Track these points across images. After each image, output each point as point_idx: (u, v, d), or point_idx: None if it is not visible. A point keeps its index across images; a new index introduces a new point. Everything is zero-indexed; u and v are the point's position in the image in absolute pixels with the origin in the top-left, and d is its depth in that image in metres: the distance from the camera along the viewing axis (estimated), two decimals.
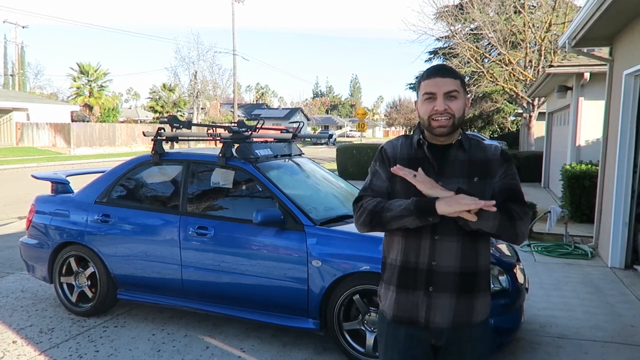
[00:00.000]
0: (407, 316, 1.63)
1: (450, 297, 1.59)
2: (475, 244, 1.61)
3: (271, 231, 3.38)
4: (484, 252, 1.65)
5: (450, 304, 1.59)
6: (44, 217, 4.17)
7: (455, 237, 1.58)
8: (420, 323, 1.61)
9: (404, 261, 1.62)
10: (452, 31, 18.23)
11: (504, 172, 1.64)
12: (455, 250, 1.58)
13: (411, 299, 1.62)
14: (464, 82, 1.65)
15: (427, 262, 1.59)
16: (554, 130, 12.53)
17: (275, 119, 53.66)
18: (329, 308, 3.24)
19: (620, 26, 5.49)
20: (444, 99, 1.57)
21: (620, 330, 3.79)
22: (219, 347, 3.47)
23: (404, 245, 1.62)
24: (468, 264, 1.59)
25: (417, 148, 1.65)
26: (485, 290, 1.66)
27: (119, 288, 3.95)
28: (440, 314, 1.59)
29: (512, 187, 1.63)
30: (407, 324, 1.64)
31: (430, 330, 1.62)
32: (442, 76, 1.58)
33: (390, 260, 1.69)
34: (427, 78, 1.60)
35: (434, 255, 1.58)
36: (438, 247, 1.58)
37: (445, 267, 1.58)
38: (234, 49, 31.05)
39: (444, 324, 1.60)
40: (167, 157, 3.97)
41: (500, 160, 1.64)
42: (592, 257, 5.88)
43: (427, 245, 1.59)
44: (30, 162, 20.52)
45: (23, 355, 3.36)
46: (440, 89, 1.57)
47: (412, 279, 1.61)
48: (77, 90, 36.02)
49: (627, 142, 5.34)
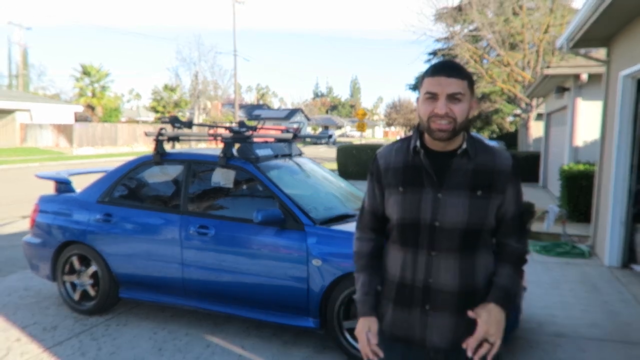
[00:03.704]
0: (404, 334, 1.55)
1: (449, 317, 1.49)
2: (475, 260, 1.50)
3: (272, 230, 3.42)
4: (485, 270, 1.53)
5: (449, 324, 1.49)
6: (47, 216, 4.21)
7: (453, 253, 1.48)
8: (417, 342, 1.52)
9: (401, 277, 1.54)
10: (451, 32, 18.29)
11: (514, 194, 1.53)
12: (453, 268, 1.48)
13: (407, 317, 1.53)
14: (472, 82, 1.48)
15: (424, 280, 1.50)
16: (552, 130, 12.57)
17: (275, 119, 53.65)
18: (329, 307, 3.28)
19: (617, 28, 5.53)
20: (446, 100, 1.41)
21: (617, 328, 3.82)
22: (219, 346, 3.50)
23: (402, 260, 1.54)
24: (467, 282, 1.49)
25: (413, 155, 1.52)
26: None
27: (121, 287, 3.99)
28: (438, 334, 1.50)
29: (520, 214, 1.56)
30: (403, 342, 1.55)
31: (428, 350, 1.52)
32: (448, 75, 1.42)
33: (389, 275, 1.59)
34: (432, 75, 1.44)
35: (430, 272, 1.49)
36: (435, 264, 1.48)
37: (442, 285, 1.48)
38: (234, 49, 31.10)
39: (443, 344, 1.50)
40: (168, 157, 4.01)
41: (510, 174, 1.50)
42: (590, 256, 5.92)
43: (423, 261, 1.49)
44: (33, 162, 20.55)
45: (27, 352, 3.41)
46: (444, 89, 1.41)
47: (408, 296, 1.52)
48: (80, 90, 36.17)
49: (624, 143, 5.38)
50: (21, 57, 41.71)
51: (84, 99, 35.80)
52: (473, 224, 1.48)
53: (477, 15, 16.84)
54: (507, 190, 1.51)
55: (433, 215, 1.48)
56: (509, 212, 1.54)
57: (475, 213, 1.47)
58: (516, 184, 1.54)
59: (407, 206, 1.50)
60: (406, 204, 1.50)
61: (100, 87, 36.50)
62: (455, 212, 1.46)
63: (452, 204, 1.46)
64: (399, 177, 1.53)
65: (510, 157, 1.54)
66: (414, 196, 1.50)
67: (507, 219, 1.54)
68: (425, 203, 1.48)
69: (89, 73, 35.91)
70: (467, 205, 1.46)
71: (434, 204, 1.48)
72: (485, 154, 1.51)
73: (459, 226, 1.47)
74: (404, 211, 1.51)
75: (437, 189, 1.47)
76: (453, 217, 1.46)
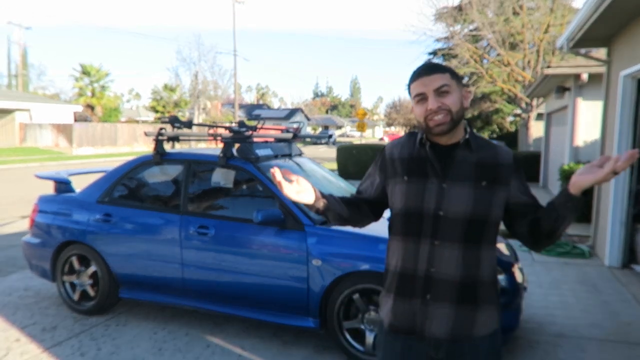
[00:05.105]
0: (404, 325, 1.55)
1: (448, 307, 1.50)
2: (478, 252, 1.51)
3: (271, 230, 3.41)
4: (488, 262, 1.54)
5: (448, 314, 1.50)
6: (46, 216, 4.20)
7: (457, 243, 1.49)
8: (417, 333, 1.53)
9: (403, 267, 1.55)
10: (452, 32, 18.29)
11: (523, 185, 1.56)
12: (456, 258, 1.49)
13: (408, 308, 1.54)
14: (455, 73, 1.54)
15: (425, 269, 1.51)
16: (552, 130, 12.57)
17: (275, 119, 53.66)
18: (329, 307, 3.27)
19: (617, 28, 5.53)
20: (435, 96, 1.48)
21: (617, 328, 3.82)
22: (219, 346, 3.50)
23: (403, 251, 1.55)
24: (469, 273, 1.50)
25: (419, 147, 1.57)
26: (489, 302, 1.54)
27: (121, 287, 3.98)
28: (436, 324, 1.51)
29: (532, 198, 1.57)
30: (404, 333, 1.56)
31: (427, 340, 1.53)
32: (428, 74, 1.49)
33: (391, 267, 1.61)
34: (414, 80, 1.52)
35: (432, 261, 1.50)
36: (437, 253, 1.50)
37: (444, 274, 1.49)
38: (234, 49, 31.09)
39: (441, 334, 1.51)
40: (168, 157, 4.01)
41: (513, 167, 1.54)
42: (590, 257, 5.92)
43: (425, 251, 1.51)
44: (33, 162, 20.54)
45: (26, 352, 3.40)
46: (428, 87, 1.48)
47: (409, 286, 1.54)
48: (80, 90, 36.16)
49: (624, 143, 5.38)
50: (21, 57, 41.72)
51: (84, 98, 35.81)
52: (477, 214, 1.50)
53: (477, 15, 16.85)
54: (511, 182, 1.54)
55: (437, 204, 1.50)
56: (522, 199, 1.54)
57: (480, 203, 1.49)
58: (520, 177, 1.56)
59: (412, 195, 1.53)
60: (410, 193, 1.54)
61: (100, 87, 36.51)
62: (460, 202, 1.49)
63: (456, 194, 1.49)
64: (404, 167, 1.57)
65: (511, 153, 1.58)
66: (418, 186, 1.53)
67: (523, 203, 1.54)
68: (429, 193, 1.52)
69: (88, 73, 35.91)
70: (471, 195, 1.49)
71: (439, 193, 1.50)
72: (487, 149, 1.55)
73: (463, 216, 1.49)
74: (408, 200, 1.54)
75: (441, 180, 1.51)
76: (457, 207, 1.49)
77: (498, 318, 1.60)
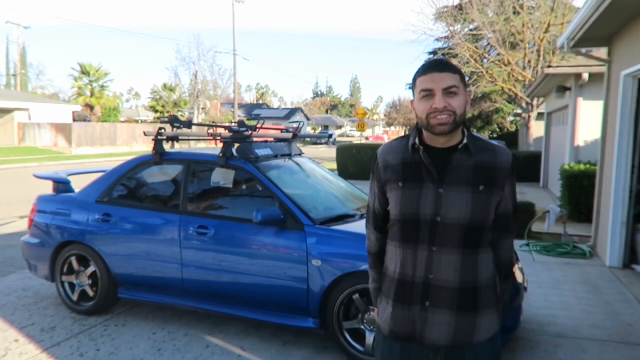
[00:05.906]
0: (404, 332, 1.54)
1: (449, 315, 1.48)
2: (477, 257, 1.50)
3: (271, 231, 3.40)
4: (486, 266, 1.53)
5: (449, 321, 1.48)
6: (45, 216, 4.19)
7: (455, 249, 1.47)
8: (417, 340, 1.52)
9: (401, 274, 1.53)
10: (452, 32, 18.28)
11: (511, 191, 1.55)
12: (455, 264, 1.47)
13: (407, 314, 1.52)
14: (464, 76, 1.50)
15: (424, 275, 1.49)
16: (552, 130, 12.56)
17: (275, 119, 53.66)
18: (329, 307, 3.26)
19: (618, 27, 5.52)
20: (443, 95, 1.43)
21: (618, 329, 3.81)
22: (219, 346, 3.49)
23: (401, 257, 1.53)
24: (468, 279, 1.48)
25: (412, 153, 1.52)
26: (490, 307, 1.53)
27: (120, 287, 3.97)
28: (437, 331, 1.49)
29: (511, 212, 1.57)
30: (403, 340, 1.55)
31: (426, 347, 1.52)
32: (440, 71, 1.44)
33: (389, 272, 1.59)
34: (424, 74, 1.46)
35: (431, 268, 1.48)
36: (436, 259, 1.47)
37: (443, 281, 1.47)
38: (234, 49, 31.06)
39: (442, 341, 1.49)
40: (167, 156, 4.00)
41: (509, 171, 1.52)
42: (591, 257, 5.91)
43: (424, 257, 1.48)
44: (32, 161, 20.54)
45: (25, 353, 3.39)
46: (439, 84, 1.42)
47: (408, 293, 1.52)
48: (79, 90, 36.09)
49: (625, 143, 5.37)
50: (19, 57, 41.74)
51: (83, 98, 35.75)
52: (475, 219, 1.47)
53: (478, 15, 16.83)
54: (506, 188, 1.52)
55: (435, 210, 1.47)
56: (507, 209, 1.56)
57: (478, 208, 1.47)
58: (513, 182, 1.56)
59: (407, 201, 1.50)
60: (406, 200, 1.50)
61: (99, 87, 36.45)
62: (458, 208, 1.46)
63: (454, 199, 1.46)
64: (399, 173, 1.53)
65: (510, 156, 1.55)
66: (413, 192, 1.50)
67: (504, 216, 1.56)
68: (425, 199, 1.48)
69: (87, 72, 35.85)
70: (469, 201, 1.46)
71: (436, 199, 1.47)
72: (486, 152, 1.51)
73: (461, 222, 1.46)
74: (404, 206, 1.51)
75: (438, 185, 1.47)
76: (455, 213, 1.46)
77: (499, 321, 1.58)
